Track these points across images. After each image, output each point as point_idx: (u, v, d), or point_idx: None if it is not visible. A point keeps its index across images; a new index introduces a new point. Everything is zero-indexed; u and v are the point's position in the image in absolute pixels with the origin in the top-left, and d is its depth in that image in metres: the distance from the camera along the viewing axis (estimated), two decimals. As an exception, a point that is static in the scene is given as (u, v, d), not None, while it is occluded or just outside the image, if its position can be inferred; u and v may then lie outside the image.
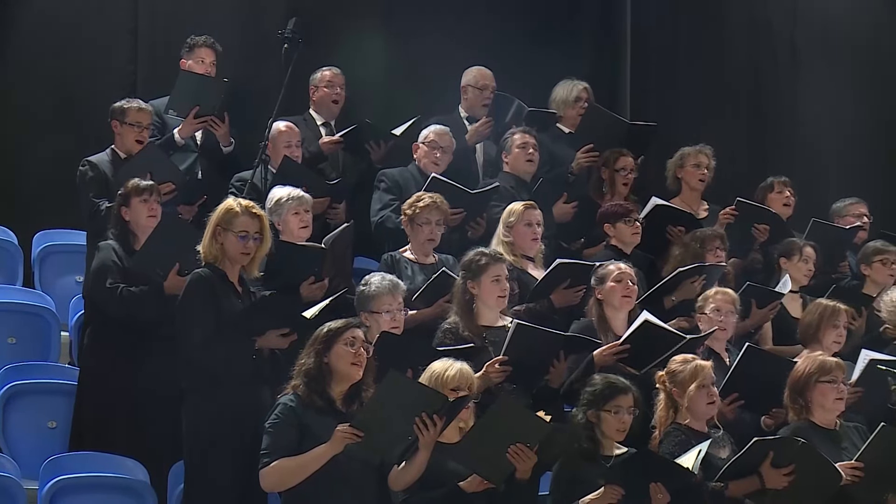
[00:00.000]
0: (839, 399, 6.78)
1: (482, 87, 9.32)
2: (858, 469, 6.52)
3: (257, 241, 6.54)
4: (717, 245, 8.21)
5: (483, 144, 9.26)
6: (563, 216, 8.59)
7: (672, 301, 7.73)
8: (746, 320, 7.95)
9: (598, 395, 6.46)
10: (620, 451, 6.47)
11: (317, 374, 6.01)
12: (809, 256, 8.49)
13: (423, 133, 8.70)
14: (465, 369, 6.21)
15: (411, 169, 8.66)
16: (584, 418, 6.46)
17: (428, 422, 5.87)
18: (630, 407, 6.44)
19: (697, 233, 8.31)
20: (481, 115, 9.22)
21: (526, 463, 6.03)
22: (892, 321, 7.81)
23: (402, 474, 5.98)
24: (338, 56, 9.42)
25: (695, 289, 7.75)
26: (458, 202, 8.12)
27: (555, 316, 7.50)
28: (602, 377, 6.60)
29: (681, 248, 8.25)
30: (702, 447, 6.29)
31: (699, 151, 9.20)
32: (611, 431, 6.44)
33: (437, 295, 7.40)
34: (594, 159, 9.09)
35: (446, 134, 8.71)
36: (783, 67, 10.97)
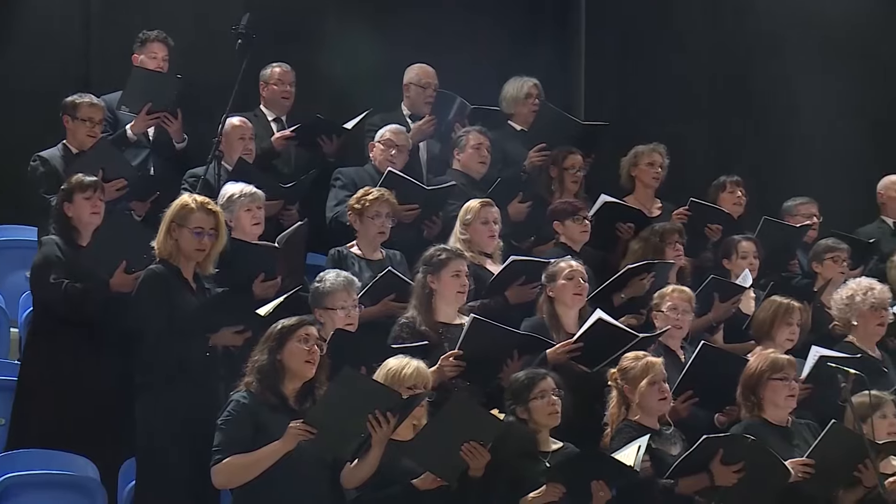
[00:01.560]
0: (791, 396, 6.82)
1: (424, 84, 9.33)
2: (809, 466, 6.57)
3: (212, 238, 6.53)
4: (676, 239, 8.27)
5: (426, 142, 9.27)
6: (518, 215, 8.62)
7: (621, 298, 7.76)
8: (709, 314, 8.01)
9: (520, 388, 6.48)
10: (557, 445, 6.49)
11: (270, 371, 6.00)
12: (747, 251, 8.54)
13: (378, 132, 8.70)
14: (422, 368, 6.22)
15: (368, 168, 8.66)
16: (514, 418, 6.46)
17: (381, 419, 5.87)
18: (553, 389, 6.45)
19: (657, 227, 8.35)
20: (424, 113, 9.23)
21: (479, 461, 6.04)
22: (841, 318, 7.88)
23: (354, 471, 5.98)
24: (293, 52, 9.40)
25: (644, 286, 7.80)
26: (412, 198, 8.12)
27: (510, 312, 7.51)
28: (520, 373, 6.61)
29: (640, 243, 8.29)
30: (641, 442, 6.31)
31: (653, 150, 9.25)
32: (543, 418, 6.44)
33: (382, 293, 7.40)
34: (546, 158, 9.13)
35: (402, 133, 8.71)
36: (739, 65, 11.04)
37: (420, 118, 9.22)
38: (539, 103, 9.52)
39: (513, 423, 6.41)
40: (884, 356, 7.86)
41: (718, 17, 11.10)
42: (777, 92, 10.93)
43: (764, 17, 11.06)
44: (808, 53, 10.84)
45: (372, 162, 8.68)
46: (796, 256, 9.15)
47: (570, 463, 6.31)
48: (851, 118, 10.80)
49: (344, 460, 6.00)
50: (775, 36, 10.97)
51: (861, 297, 7.78)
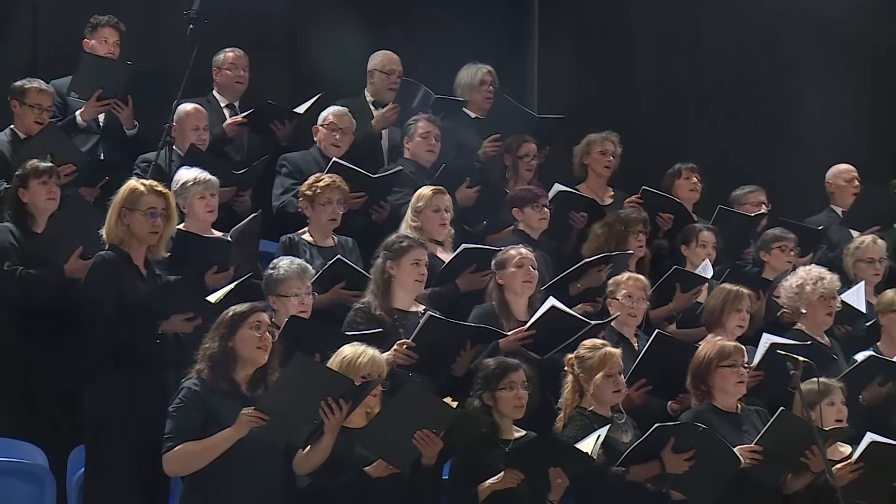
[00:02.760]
0: (740, 383, 6.88)
1: (389, 71, 9.32)
2: (758, 452, 6.63)
3: (165, 219, 6.50)
4: (640, 229, 8.32)
5: (389, 130, 9.27)
6: (466, 201, 8.63)
7: (577, 288, 7.80)
8: (670, 304, 8.08)
9: (491, 376, 6.51)
10: (519, 433, 6.51)
11: (221, 358, 5.98)
12: (707, 241, 8.62)
13: (321, 115, 8.68)
14: (377, 356, 6.22)
15: (312, 152, 8.65)
16: (480, 403, 6.50)
17: (333, 406, 5.87)
18: (523, 382, 6.49)
19: (622, 214, 8.39)
20: (387, 100, 9.23)
21: (432, 448, 6.06)
22: (791, 307, 7.95)
23: (307, 458, 5.97)
24: (244, 37, 9.37)
25: (601, 277, 7.83)
26: (359, 186, 8.12)
27: (461, 300, 7.54)
28: (492, 360, 6.65)
29: (604, 228, 8.32)
30: (601, 432, 6.36)
31: (605, 138, 9.28)
32: (508, 409, 6.48)
33: (333, 281, 7.40)
34: (500, 147, 9.16)
35: (345, 115, 8.69)
36: (691, 55, 11.10)
37: (384, 105, 9.21)
38: (493, 91, 9.54)
39: (469, 411, 6.43)
40: (833, 343, 7.96)
41: (670, 6, 11.17)
42: (729, 79, 11.01)
43: (714, 4, 11.14)
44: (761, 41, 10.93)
45: (316, 145, 8.66)
46: (750, 245, 9.23)
47: (527, 448, 6.33)
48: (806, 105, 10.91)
49: (296, 447, 5.97)
50: (726, 23, 11.05)
51: (811, 286, 7.85)
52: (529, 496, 6.32)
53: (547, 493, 6.32)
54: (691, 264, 8.51)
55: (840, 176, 9.80)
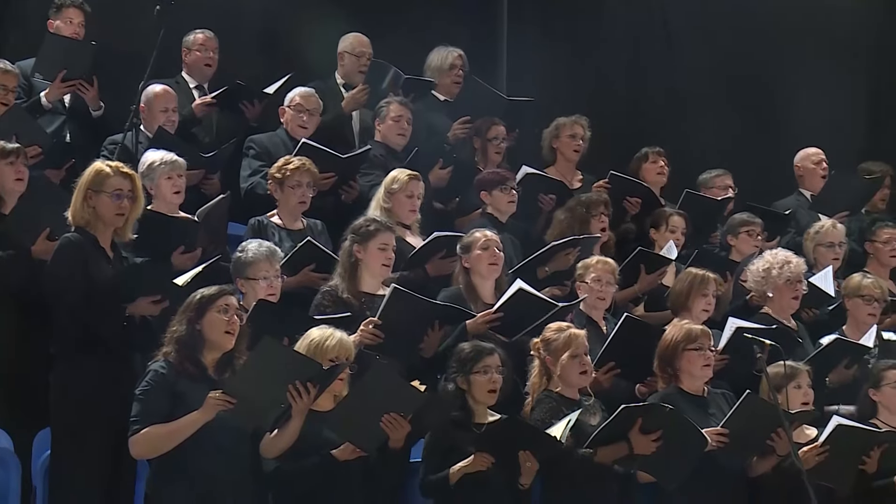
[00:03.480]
0: (706, 366, 6.91)
1: (359, 53, 9.32)
2: (724, 435, 6.68)
3: (131, 201, 6.48)
4: (602, 210, 8.33)
5: (359, 112, 9.26)
6: (439, 181, 8.64)
7: (545, 271, 7.82)
8: (635, 286, 8.10)
9: (466, 360, 6.52)
10: (493, 417, 6.53)
11: (189, 341, 5.97)
12: (677, 225, 8.66)
13: (288, 96, 8.66)
14: (345, 339, 6.22)
15: (279, 134, 8.64)
16: (454, 386, 6.52)
17: (301, 389, 5.86)
18: (498, 366, 6.51)
19: (583, 197, 8.40)
20: (358, 82, 9.22)
21: (399, 432, 6.07)
22: (757, 290, 8.00)
23: (274, 442, 5.97)
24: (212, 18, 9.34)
25: (569, 260, 7.85)
26: (328, 166, 8.11)
27: (430, 284, 7.53)
28: (467, 343, 6.66)
29: (566, 213, 8.34)
30: (571, 417, 6.38)
31: (574, 122, 9.31)
32: (482, 394, 6.50)
33: (302, 264, 7.39)
34: (470, 130, 9.17)
35: (312, 96, 8.67)
36: (659, 39, 11.14)
37: (354, 87, 9.19)
38: (463, 74, 9.54)
39: (438, 394, 6.45)
40: (799, 327, 8.01)
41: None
42: (698, 63, 11.05)
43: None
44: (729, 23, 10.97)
45: (283, 126, 8.65)
46: (717, 229, 9.28)
47: (500, 432, 6.35)
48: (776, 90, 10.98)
49: (263, 431, 5.98)
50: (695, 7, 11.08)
51: (777, 270, 7.89)
52: (500, 479, 6.35)
53: (517, 476, 6.35)
54: (660, 248, 8.52)
55: (808, 159, 9.85)
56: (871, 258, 8.94)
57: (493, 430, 6.37)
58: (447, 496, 6.39)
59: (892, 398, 7.28)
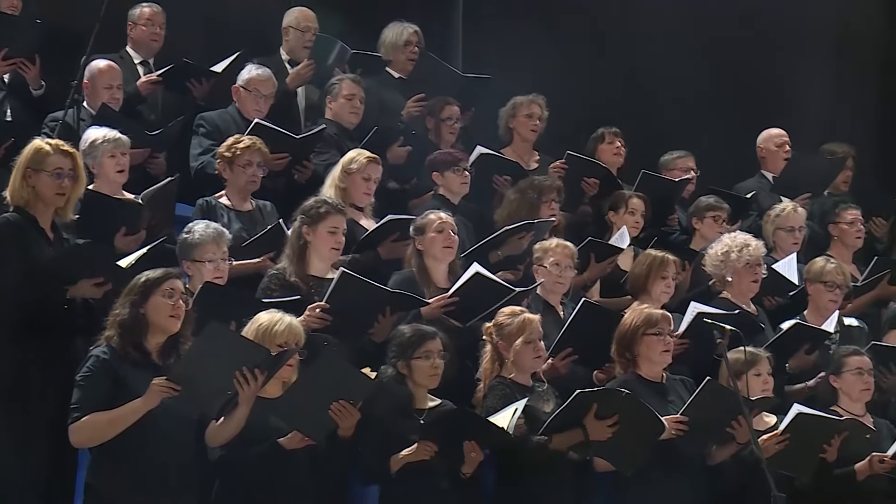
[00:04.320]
0: (666, 351, 6.89)
1: (304, 28, 9.22)
2: (683, 423, 6.65)
3: (72, 180, 6.38)
4: (553, 197, 8.26)
5: (304, 88, 9.16)
6: (398, 159, 8.58)
7: (498, 256, 7.76)
8: (584, 273, 8.04)
9: (406, 344, 6.47)
10: (434, 402, 6.49)
11: (132, 325, 5.89)
12: (636, 208, 8.62)
13: (243, 76, 8.56)
14: (294, 324, 6.15)
15: (231, 112, 8.54)
16: (394, 371, 6.46)
17: (248, 375, 5.78)
18: (439, 350, 6.46)
19: (535, 181, 8.34)
20: (303, 58, 9.13)
21: (348, 420, 6.01)
22: (716, 274, 7.96)
23: (220, 430, 5.90)
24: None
25: (521, 245, 7.80)
26: (282, 147, 8.02)
27: (381, 268, 7.47)
28: (408, 327, 6.60)
29: (517, 195, 8.28)
30: (518, 405, 6.33)
31: (532, 101, 9.25)
32: (423, 378, 6.45)
33: (267, 247, 7.31)
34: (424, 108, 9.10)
35: (268, 79, 8.58)
36: (618, 17, 11.08)
37: (298, 63, 9.10)
38: (418, 51, 9.47)
39: (386, 382, 6.39)
40: (760, 312, 7.99)
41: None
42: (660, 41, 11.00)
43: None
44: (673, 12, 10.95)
45: (235, 105, 8.55)
46: (675, 211, 9.24)
47: (442, 421, 6.30)
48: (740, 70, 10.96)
49: (209, 418, 5.91)
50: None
51: (736, 253, 7.86)
52: (443, 469, 6.30)
53: (460, 465, 6.30)
54: (617, 230, 8.48)
55: (771, 141, 9.83)
56: (835, 240, 8.95)
57: (438, 419, 6.33)
58: (388, 485, 6.35)
59: (853, 385, 7.28)
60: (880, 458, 6.97)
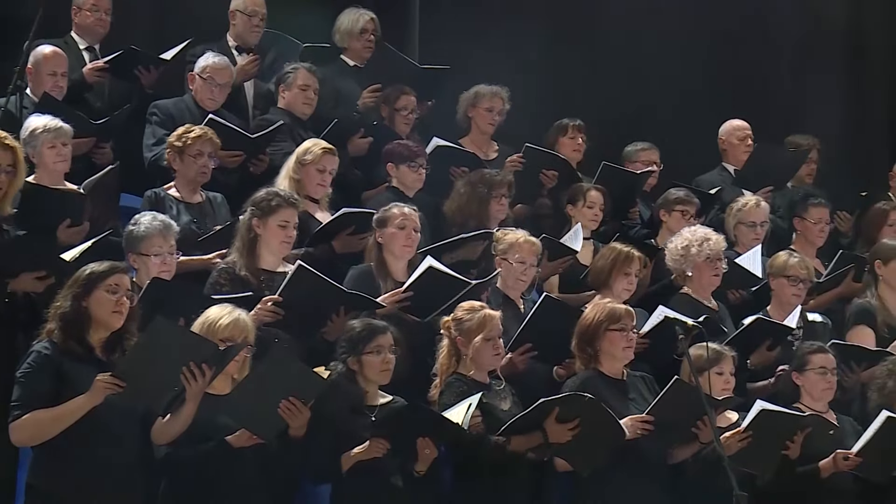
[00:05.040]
0: (628, 348, 6.84)
1: (251, 13, 9.10)
2: (648, 422, 6.61)
3: (10, 175, 6.33)
4: (503, 192, 8.20)
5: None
6: (359, 151, 8.51)
7: (451, 258, 7.70)
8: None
9: (357, 339, 6.40)
10: (385, 399, 6.44)
11: (73, 319, 5.81)
12: (595, 201, 8.56)
13: (200, 63, 8.46)
14: (241, 318, 6.08)
15: (186, 100, 8.44)
16: (344, 367, 6.40)
17: (196, 371, 5.73)
18: (391, 346, 6.40)
19: (486, 175, 8.28)
20: (251, 43, 9.03)
21: (298, 419, 5.94)
22: (676, 269, 7.91)
23: (166, 427, 5.84)
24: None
25: (476, 251, 7.72)
26: (236, 144, 7.93)
27: (336, 262, 7.40)
28: (358, 321, 6.54)
29: (466, 188, 8.22)
30: (471, 400, 6.28)
31: (494, 94, 9.19)
32: (374, 374, 6.39)
33: (223, 244, 7.22)
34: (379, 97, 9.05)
35: (226, 69, 8.48)
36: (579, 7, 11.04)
37: (246, 50, 9.01)
38: (375, 39, 9.40)
39: (337, 380, 6.33)
40: (721, 307, 7.95)
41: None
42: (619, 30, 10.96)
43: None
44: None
45: (190, 93, 8.44)
46: (637, 204, 9.21)
47: (395, 418, 6.25)
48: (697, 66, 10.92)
49: (156, 415, 5.84)
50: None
51: (696, 248, 7.82)
52: (395, 466, 6.25)
53: (414, 463, 6.25)
54: (576, 223, 8.42)
55: (733, 133, 9.79)
56: (798, 235, 8.92)
57: (391, 416, 6.27)
58: (340, 484, 6.28)
59: (816, 384, 7.25)
60: (845, 454, 6.95)
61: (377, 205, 7.74)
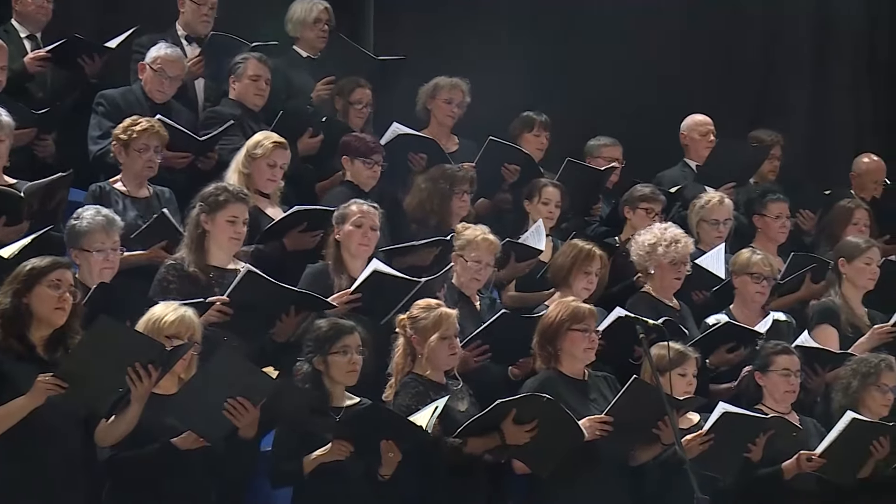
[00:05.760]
0: (589, 349, 6.80)
1: (201, 1, 8.98)
2: (608, 423, 6.56)
3: None
4: (466, 188, 8.16)
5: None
6: (309, 150, 8.44)
7: (404, 263, 7.63)
8: (501, 272, 7.96)
9: (323, 339, 6.34)
10: (352, 401, 6.38)
11: (13, 316, 5.73)
12: (550, 197, 8.52)
13: (151, 54, 8.33)
14: (187, 316, 6.02)
15: (135, 90, 8.32)
16: (310, 367, 6.34)
17: (141, 371, 5.65)
18: (358, 346, 6.35)
19: (448, 171, 8.21)
20: (201, 33, 8.92)
21: (245, 419, 5.88)
22: (640, 264, 7.86)
23: (111, 428, 5.77)
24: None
25: (429, 257, 7.65)
26: (184, 145, 7.83)
27: (287, 259, 7.34)
28: (325, 321, 6.48)
29: (428, 183, 8.16)
30: (438, 404, 6.24)
31: (454, 86, 9.14)
32: (341, 375, 6.33)
33: (156, 237, 7.14)
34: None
35: (177, 61, 8.37)
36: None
37: (196, 39, 8.89)
38: (329, 29, 9.33)
39: (290, 381, 6.28)
40: (683, 306, 7.91)
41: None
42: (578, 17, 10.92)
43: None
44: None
45: (140, 83, 8.32)
46: (600, 200, 9.15)
47: (358, 419, 6.19)
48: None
49: (100, 416, 5.77)
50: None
51: (663, 248, 7.76)
52: (359, 470, 6.19)
53: (378, 466, 6.18)
54: (533, 221, 8.40)
55: (695, 129, 9.76)
56: (759, 233, 8.90)
57: (354, 417, 6.20)
58: (301, 487, 6.21)
59: (779, 385, 7.22)
60: (808, 456, 6.93)
61: (333, 200, 7.68)
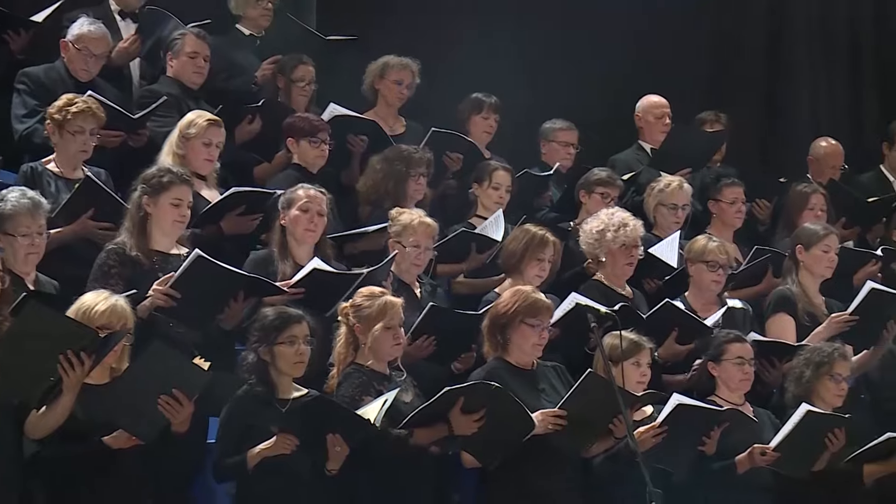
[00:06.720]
0: (538, 345, 6.76)
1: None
2: (561, 417, 6.52)
3: None
4: (422, 171, 8.09)
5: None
6: (246, 137, 8.35)
7: (354, 249, 7.54)
8: (462, 264, 7.95)
9: (270, 328, 6.26)
10: (299, 392, 6.30)
11: (-65, 304, 5.64)
12: (501, 182, 8.45)
13: (73, 31, 8.15)
14: (119, 304, 5.96)
15: (58, 68, 8.15)
16: (255, 357, 6.25)
17: (74, 360, 5.60)
18: (306, 336, 6.27)
19: (404, 152, 8.13)
20: (134, 7, 8.79)
21: (179, 415, 5.80)
22: (590, 253, 7.80)
23: (41, 420, 5.70)
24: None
25: (381, 242, 7.58)
26: (116, 123, 7.69)
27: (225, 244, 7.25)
28: (272, 309, 6.40)
29: (383, 164, 8.08)
30: (388, 397, 6.18)
31: (404, 66, 9.05)
32: (288, 366, 6.26)
33: (79, 210, 7.01)
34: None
35: (102, 38, 8.18)
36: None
37: (130, 14, 8.75)
38: (272, 8, 9.23)
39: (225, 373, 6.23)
40: (636, 294, 7.86)
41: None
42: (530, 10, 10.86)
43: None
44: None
45: (62, 60, 8.16)
46: (549, 188, 9.09)
47: (303, 412, 6.13)
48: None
49: (30, 406, 5.70)
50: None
51: (612, 233, 7.68)
52: (306, 464, 6.13)
53: (324, 461, 6.12)
54: (482, 206, 8.36)
55: (650, 111, 9.68)
56: (715, 218, 8.85)
57: (299, 410, 6.14)
58: (245, 482, 6.14)
59: (733, 374, 7.19)
60: (762, 449, 6.91)
61: (279, 184, 7.57)
